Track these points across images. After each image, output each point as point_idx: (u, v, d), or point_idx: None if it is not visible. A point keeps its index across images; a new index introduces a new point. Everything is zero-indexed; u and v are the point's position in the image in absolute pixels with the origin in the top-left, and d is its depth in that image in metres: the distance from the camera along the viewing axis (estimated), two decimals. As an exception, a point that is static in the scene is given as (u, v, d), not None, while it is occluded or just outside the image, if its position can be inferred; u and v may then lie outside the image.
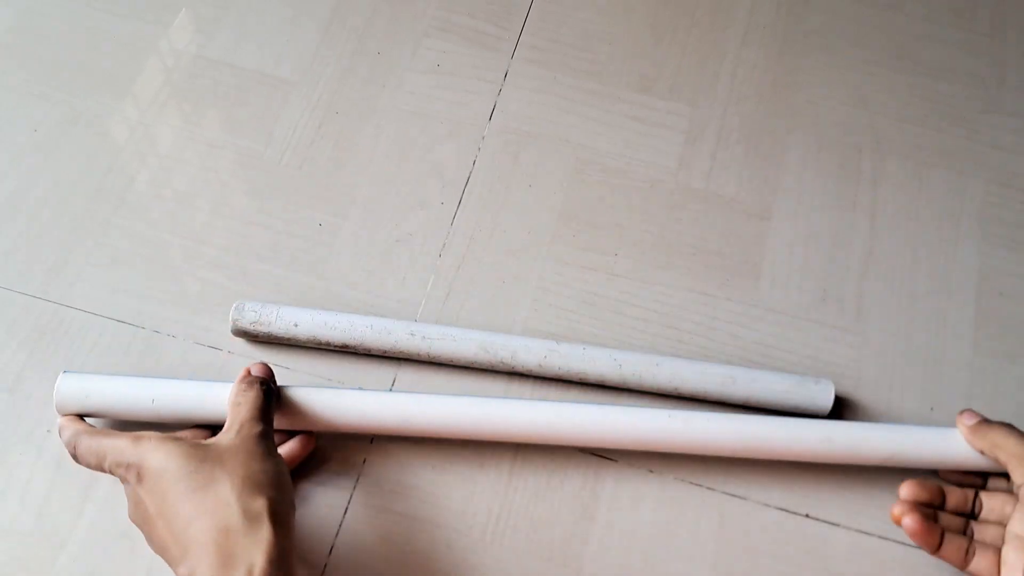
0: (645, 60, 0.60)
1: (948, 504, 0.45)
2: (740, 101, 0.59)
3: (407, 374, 0.50)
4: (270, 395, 0.42)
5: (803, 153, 0.58)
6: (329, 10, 0.61)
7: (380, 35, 0.60)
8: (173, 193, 0.54)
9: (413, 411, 0.45)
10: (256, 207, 0.54)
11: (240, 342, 0.50)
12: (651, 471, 0.48)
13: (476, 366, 0.49)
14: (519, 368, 0.49)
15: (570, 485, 0.47)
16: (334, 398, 0.45)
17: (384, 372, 0.50)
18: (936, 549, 0.43)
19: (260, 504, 0.36)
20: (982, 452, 0.44)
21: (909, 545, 0.47)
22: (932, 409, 0.50)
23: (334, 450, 0.47)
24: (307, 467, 0.47)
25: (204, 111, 0.57)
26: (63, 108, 0.56)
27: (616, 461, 0.48)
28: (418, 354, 0.49)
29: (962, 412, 0.45)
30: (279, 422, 0.44)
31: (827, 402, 0.48)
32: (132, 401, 0.44)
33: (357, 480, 0.47)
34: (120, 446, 0.39)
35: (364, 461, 0.47)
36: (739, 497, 0.47)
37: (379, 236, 0.53)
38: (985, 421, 0.45)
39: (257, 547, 0.35)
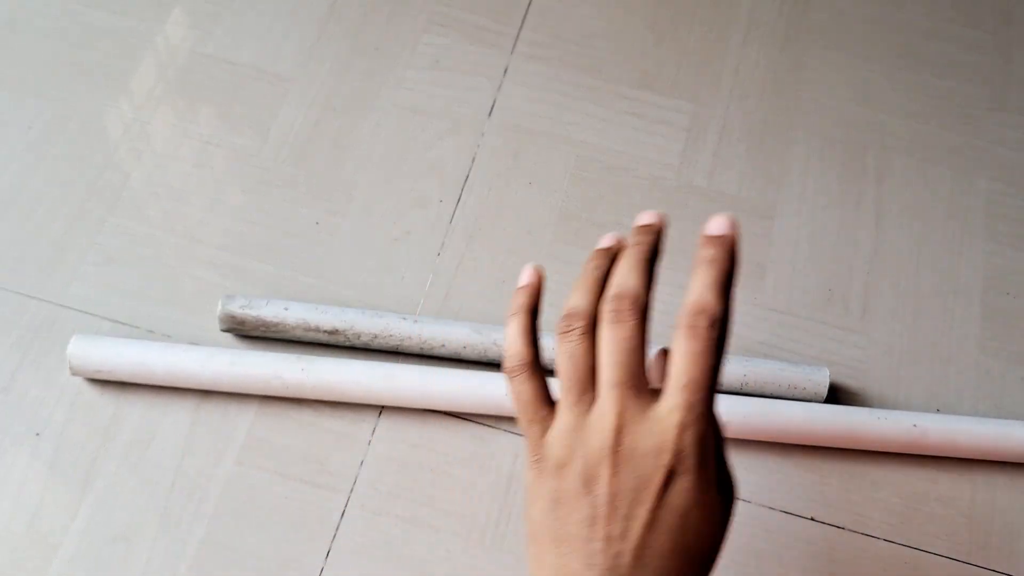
0: (646, 56, 0.59)
1: None
2: (742, 98, 0.58)
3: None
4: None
5: (807, 151, 0.57)
6: (327, 5, 0.60)
7: (378, 31, 0.59)
8: (168, 191, 0.53)
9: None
10: (252, 205, 0.53)
11: (230, 339, 0.49)
12: (653, 473, 0.47)
13: (470, 352, 0.48)
14: None
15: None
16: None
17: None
18: None
19: None
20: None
21: (916, 548, 0.46)
22: (938, 410, 0.50)
23: (331, 451, 0.47)
24: (304, 469, 0.46)
25: (199, 108, 0.56)
26: (57, 105, 0.55)
27: (618, 463, 0.47)
28: (409, 337, 0.48)
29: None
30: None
31: (823, 379, 0.48)
32: (148, 364, 0.46)
33: (354, 482, 0.46)
34: None
35: (361, 463, 0.47)
36: (743, 500, 0.47)
37: (377, 234, 0.53)
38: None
39: None
